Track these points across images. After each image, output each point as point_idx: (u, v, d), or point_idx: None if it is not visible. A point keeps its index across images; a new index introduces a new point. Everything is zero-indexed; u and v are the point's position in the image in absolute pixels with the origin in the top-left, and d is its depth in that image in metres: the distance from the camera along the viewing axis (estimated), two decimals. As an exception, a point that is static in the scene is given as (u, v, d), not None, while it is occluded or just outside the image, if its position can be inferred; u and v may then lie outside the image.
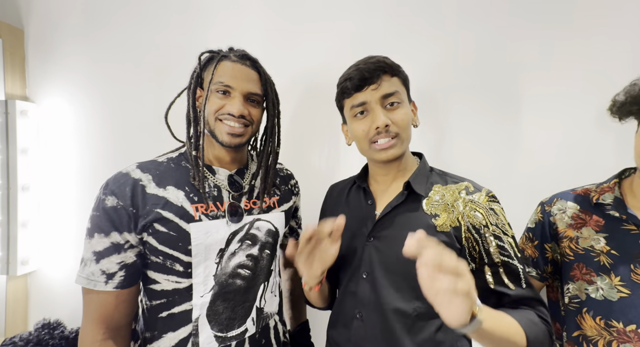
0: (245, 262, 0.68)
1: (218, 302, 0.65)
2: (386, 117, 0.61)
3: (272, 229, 0.73)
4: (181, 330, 0.63)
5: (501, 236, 0.60)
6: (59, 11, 1.26)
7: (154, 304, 0.64)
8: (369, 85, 0.62)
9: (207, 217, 0.65)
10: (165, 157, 0.71)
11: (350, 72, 0.64)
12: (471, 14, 0.99)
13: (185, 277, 0.63)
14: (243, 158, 0.76)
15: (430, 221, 0.61)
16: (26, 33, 1.27)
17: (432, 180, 0.67)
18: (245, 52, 0.71)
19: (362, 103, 0.63)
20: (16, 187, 1.21)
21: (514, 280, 0.58)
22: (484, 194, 0.63)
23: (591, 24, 0.91)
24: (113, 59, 1.22)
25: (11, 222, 1.20)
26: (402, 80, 0.66)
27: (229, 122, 0.66)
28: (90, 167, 1.24)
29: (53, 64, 1.26)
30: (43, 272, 1.27)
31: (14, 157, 1.20)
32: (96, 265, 0.59)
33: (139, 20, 1.21)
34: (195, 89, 0.70)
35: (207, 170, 0.69)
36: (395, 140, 0.62)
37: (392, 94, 0.62)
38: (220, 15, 1.15)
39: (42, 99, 1.27)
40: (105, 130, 1.23)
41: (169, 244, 0.62)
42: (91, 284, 0.59)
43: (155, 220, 0.61)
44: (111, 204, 0.60)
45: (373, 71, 0.61)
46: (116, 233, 0.60)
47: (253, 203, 0.72)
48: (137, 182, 0.62)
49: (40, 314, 1.15)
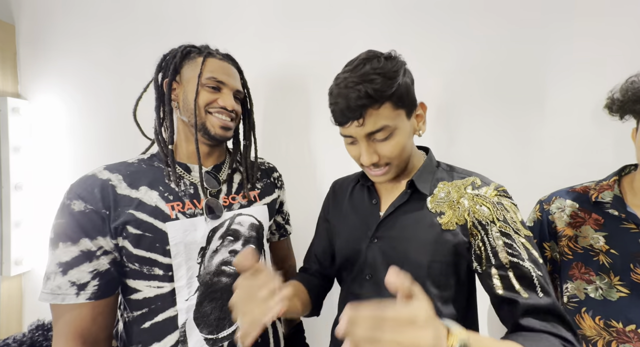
0: (229, 258, 0.66)
1: (205, 303, 0.63)
2: (374, 153, 0.57)
3: (255, 223, 0.72)
4: (167, 339, 0.59)
5: (510, 234, 0.53)
6: (51, 6, 1.23)
7: (136, 315, 0.60)
8: (353, 121, 0.54)
9: (185, 215, 0.63)
10: (135, 158, 0.68)
11: (334, 98, 0.56)
12: (479, 14, 0.98)
13: (166, 281, 0.60)
14: (221, 154, 0.75)
15: (435, 219, 0.58)
16: (17, 29, 1.25)
17: (438, 176, 0.63)
18: (226, 53, 0.73)
19: (349, 135, 0.58)
20: (9, 186, 1.19)
21: (527, 286, 0.50)
22: (492, 187, 0.58)
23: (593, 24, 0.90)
24: (107, 55, 1.20)
25: (4, 222, 1.18)
26: (395, 101, 0.54)
27: (221, 115, 0.67)
28: (84, 165, 1.22)
29: (46, 61, 1.24)
30: (37, 273, 1.25)
31: (6, 156, 1.19)
32: (63, 277, 0.54)
33: (133, 17, 1.18)
34: (171, 81, 0.68)
35: (182, 169, 0.67)
36: (388, 168, 0.59)
37: (379, 130, 0.55)
38: (213, 12, 1.14)
39: (34, 96, 1.25)
40: (99, 128, 1.21)
41: (145, 246, 0.58)
42: (58, 298, 0.54)
43: (127, 222, 0.58)
44: (78, 208, 0.56)
45: (353, 110, 0.53)
46: (86, 240, 0.56)
47: (232, 198, 0.70)
48: (107, 183, 0.59)
49: (34, 314, 1.13)
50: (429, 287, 0.56)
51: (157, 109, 0.69)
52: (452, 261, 0.56)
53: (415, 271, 0.55)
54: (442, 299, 0.56)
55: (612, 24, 0.89)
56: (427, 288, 0.56)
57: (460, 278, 0.57)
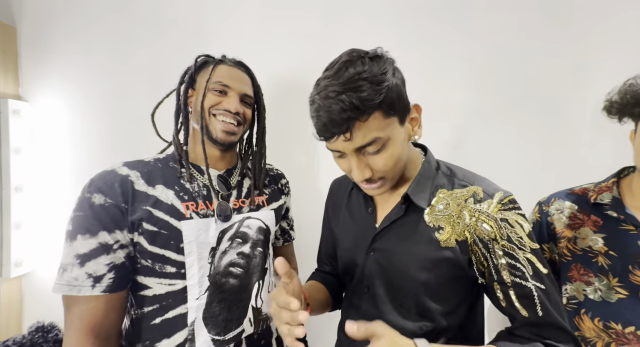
0: (237, 260, 0.68)
1: (214, 304, 0.64)
2: (366, 167, 0.52)
3: (262, 227, 0.74)
4: (177, 335, 0.61)
5: (513, 253, 0.50)
6: (53, 8, 1.24)
7: (146, 311, 0.61)
8: (339, 135, 0.48)
9: (198, 215, 0.65)
10: (151, 157, 0.70)
11: (316, 111, 0.49)
12: (480, 14, 0.98)
13: (178, 278, 0.62)
14: (233, 159, 0.77)
15: (433, 234, 0.54)
16: (19, 30, 1.25)
17: (437, 182, 0.58)
18: (239, 60, 0.75)
19: (337, 151, 0.53)
20: (9, 187, 1.19)
21: (528, 305, 0.49)
22: (495, 201, 0.52)
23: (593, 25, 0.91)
24: (108, 57, 1.21)
25: (4, 223, 1.18)
26: (385, 109, 0.48)
27: (224, 117, 0.68)
28: (85, 167, 1.22)
29: (47, 62, 1.24)
30: (37, 274, 1.25)
31: (6, 157, 1.19)
32: (80, 269, 0.55)
33: (134, 18, 1.19)
34: (187, 88, 0.71)
35: (195, 171, 0.69)
36: (382, 182, 0.54)
37: (370, 144, 0.49)
38: (215, 17, 1.14)
39: (35, 98, 1.25)
40: (100, 130, 1.21)
41: (160, 243, 0.60)
42: (74, 289, 0.54)
43: (144, 218, 0.59)
44: (98, 201, 0.57)
45: (340, 123, 0.47)
46: (105, 232, 0.57)
47: (242, 202, 0.72)
48: (126, 178, 0.61)
49: (34, 316, 1.13)
50: (428, 302, 0.54)
51: (175, 114, 0.72)
52: (451, 276, 0.54)
53: (412, 286, 0.55)
54: (442, 313, 0.54)
55: (615, 26, 0.90)
56: (426, 303, 0.54)
57: (461, 291, 0.56)
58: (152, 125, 0.78)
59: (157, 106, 0.78)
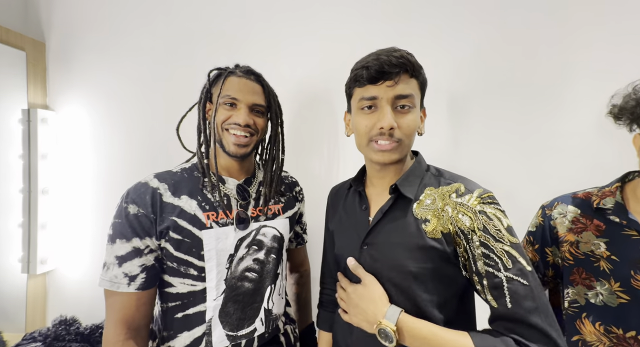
0: (252, 266, 0.72)
1: (229, 305, 0.69)
2: (393, 119, 0.57)
3: (277, 235, 0.77)
4: (196, 329, 0.67)
5: (489, 244, 0.52)
6: (78, 25, 1.33)
7: (170, 305, 0.68)
8: (385, 81, 0.56)
9: (218, 224, 0.69)
10: (179, 167, 0.75)
11: (368, 60, 0.58)
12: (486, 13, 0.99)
13: (199, 280, 0.67)
14: (250, 168, 0.80)
15: (421, 226, 0.57)
16: (47, 46, 1.35)
17: (426, 181, 0.62)
18: (249, 68, 0.76)
19: (372, 97, 0.58)
20: (37, 190, 1.28)
21: (497, 296, 0.50)
22: (475, 195, 0.56)
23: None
24: (129, 69, 1.29)
25: (32, 224, 1.27)
26: (420, 84, 0.60)
27: (236, 131, 0.71)
28: (106, 172, 1.31)
29: (72, 75, 1.34)
30: (60, 271, 1.34)
31: (34, 162, 1.28)
32: (119, 268, 0.63)
33: (153, 32, 1.27)
34: (205, 102, 0.75)
35: (217, 181, 0.72)
36: (397, 145, 0.58)
37: (406, 97, 0.57)
38: (231, 28, 1.20)
39: (61, 107, 1.35)
40: (121, 137, 1.29)
41: (184, 250, 0.66)
42: (114, 286, 0.62)
43: (170, 227, 0.65)
44: (133, 211, 0.64)
45: (393, 66, 0.55)
46: (137, 239, 0.64)
47: (259, 211, 0.76)
48: (156, 191, 0.67)
49: (57, 310, 1.20)
50: (418, 292, 0.56)
51: (197, 127, 0.75)
52: (439, 267, 0.56)
53: (403, 276, 0.57)
54: (433, 304, 0.56)
55: (623, 29, 0.89)
56: (416, 293, 0.56)
57: (450, 282, 0.57)
58: (178, 138, 0.82)
59: (181, 120, 0.81)
